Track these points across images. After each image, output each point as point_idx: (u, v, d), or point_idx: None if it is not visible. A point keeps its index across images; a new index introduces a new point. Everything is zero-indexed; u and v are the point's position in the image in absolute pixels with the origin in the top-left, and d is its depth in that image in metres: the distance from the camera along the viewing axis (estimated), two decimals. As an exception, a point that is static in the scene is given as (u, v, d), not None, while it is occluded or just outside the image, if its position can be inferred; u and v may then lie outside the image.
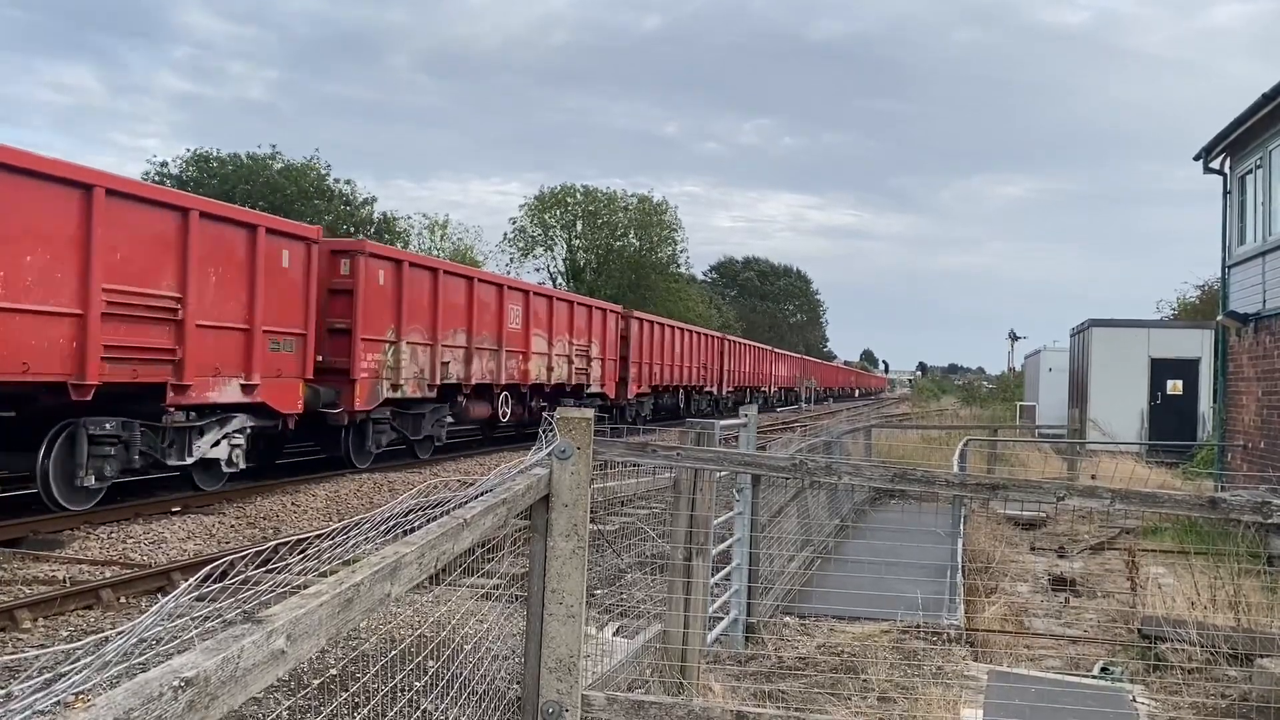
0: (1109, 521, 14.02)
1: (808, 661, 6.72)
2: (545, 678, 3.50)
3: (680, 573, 5.79)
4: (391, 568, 2.24)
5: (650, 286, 64.40)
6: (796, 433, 15.07)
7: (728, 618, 7.24)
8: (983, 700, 5.95)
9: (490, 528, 2.97)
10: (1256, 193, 15.63)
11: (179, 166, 50.02)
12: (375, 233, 50.46)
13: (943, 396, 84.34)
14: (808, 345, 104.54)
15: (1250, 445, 15.49)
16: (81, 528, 11.30)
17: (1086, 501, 3.77)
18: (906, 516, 13.50)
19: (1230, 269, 17.16)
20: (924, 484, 4.24)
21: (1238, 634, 7.02)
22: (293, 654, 1.77)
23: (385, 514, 2.67)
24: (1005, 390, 58.01)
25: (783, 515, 9.17)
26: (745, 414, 7.92)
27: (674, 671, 5.65)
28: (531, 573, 3.57)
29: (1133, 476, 15.72)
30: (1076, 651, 7.99)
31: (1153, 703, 6.24)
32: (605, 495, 14.04)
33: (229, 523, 12.32)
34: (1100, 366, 27.43)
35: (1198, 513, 3.94)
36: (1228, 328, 16.97)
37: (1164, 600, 8.51)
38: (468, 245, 59.61)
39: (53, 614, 8.03)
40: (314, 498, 14.40)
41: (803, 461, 4.59)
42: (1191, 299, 40.83)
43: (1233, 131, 15.84)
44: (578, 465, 3.55)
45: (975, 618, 8.36)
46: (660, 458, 4.31)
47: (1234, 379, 16.79)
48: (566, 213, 66.80)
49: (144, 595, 8.82)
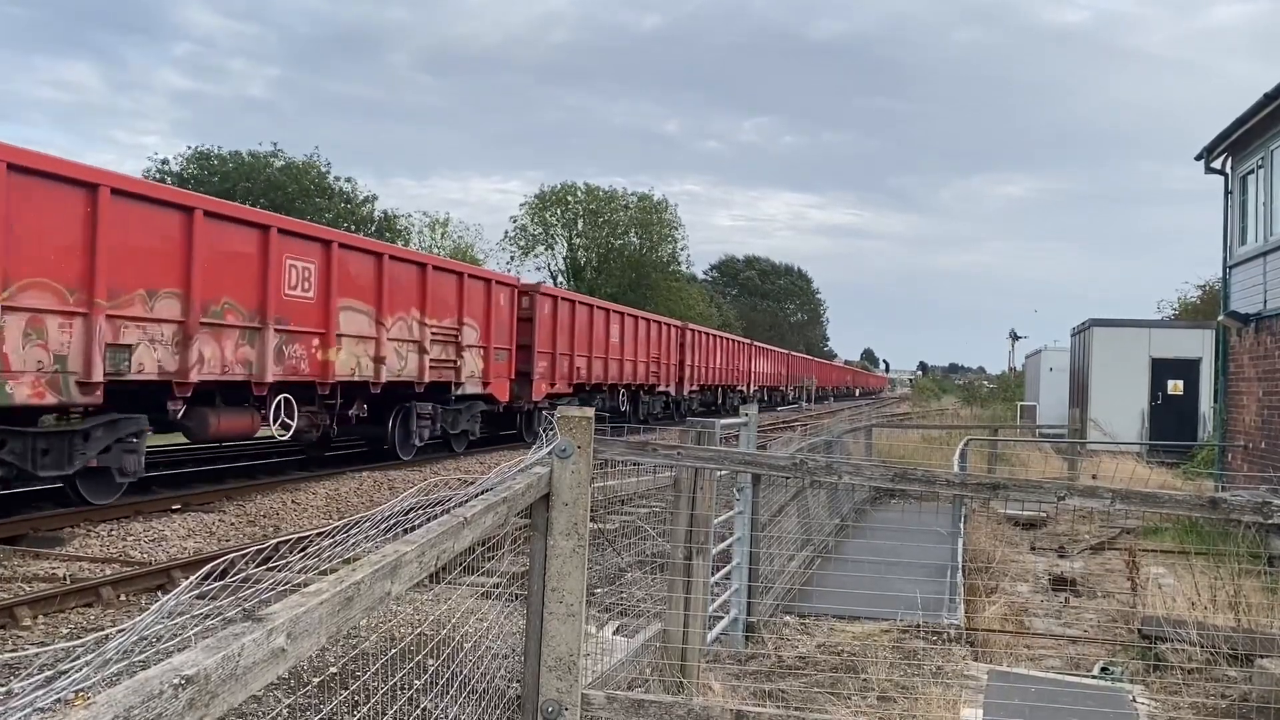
0: (1109, 521, 14.02)
1: (808, 661, 6.72)
2: (545, 676, 3.50)
3: (680, 571, 5.79)
4: (392, 566, 2.24)
5: (651, 285, 64.43)
6: (797, 432, 15.07)
7: (728, 617, 7.24)
8: (982, 700, 5.95)
9: (490, 526, 2.97)
10: (1258, 193, 15.63)
11: (180, 164, 50.08)
12: (376, 231, 50.48)
13: (943, 396, 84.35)
14: (809, 344, 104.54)
15: (1251, 445, 15.49)
16: (82, 525, 11.30)
17: (1087, 501, 3.77)
18: (907, 516, 13.50)
19: (1231, 269, 17.15)
20: (925, 484, 4.24)
21: (1238, 634, 7.02)
22: (293, 652, 1.77)
23: (386, 512, 2.67)
24: (1006, 390, 58.01)
25: (783, 514, 9.18)
26: (746, 413, 7.92)
27: (674, 670, 5.65)
28: (531, 571, 3.57)
29: (1133, 476, 15.72)
30: (1076, 651, 7.99)
31: (1153, 703, 6.24)
32: (605, 494, 14.04)
33: (229, 521, 12.33)
34: (1101, 366, 27.43)
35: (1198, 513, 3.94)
36: (1228, 328, 16.97)
37: (1164, 600, 8.51)
38: (468, 243, 59.66)
39: (53, 611, 8.03)
40: (314, 496, 14.41)
41: (803, 461, 4.60)
42: (1192, 299, 40.85)
43: (1234, 131, 15.83)
44: (578, 464, 3.55)
45: (975, 617, 8.36)
46: (661, 457, 4.31)
47: (1235, 379, 16.78)
48: (567, 211, 66.85)
49: (144, 593, 8.83)
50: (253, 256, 13.70)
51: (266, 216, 14.99)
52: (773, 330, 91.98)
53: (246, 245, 13.62)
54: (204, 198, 13.93)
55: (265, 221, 14.29)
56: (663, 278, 66.95)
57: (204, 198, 13.93)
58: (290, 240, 14.48)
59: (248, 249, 13.63)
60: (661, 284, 65.79)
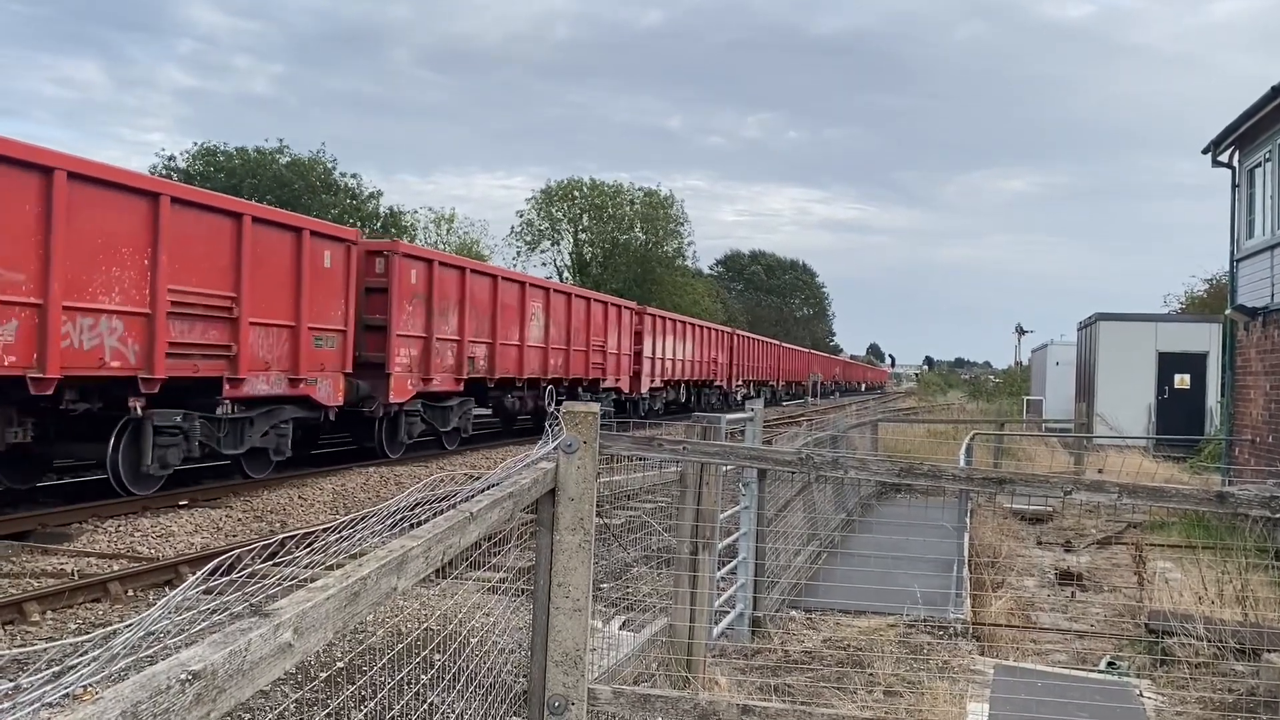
0: (1116, 516, 13.99)
1: (814, 655, 6.72)
2: (551, 671, 3.51)
3: (686, 567, 5.79)
4: (398, 561, 2.24)
5: (656, 280, 64.37)
6: (802, 427, 15.06)
7: (734, 612, 7.24)
8: (989, 694, 5.94)
9: (496, 521, 2.97)
10: (1265, 186, 15.57)
11: (186, 161, 50.17)
12: (382, 227, 50.52)
13: (949, 391, 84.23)
14: (814, 339, 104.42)
15: (1258, 439, 15.45)
16: (89, 520, 11.34)
17: (1094, 496, 3.76)
18: (913, 511, 13.49)
19: (1238, 263, 17.10)
20: (931, 478, 4.23)
21: (1245, 629, 7.00)
22: (300, 647, 1.78)
23: (392, 508, 2.68)
24: (1012, 384, 57.91)
25: (789, 509, 9.18)
26: (751, 408, 7.91)
27: (680, 665, 5.66)
28: (538, 566, 3.58)
29: (1140, 471, 15.68)
30: (1083, 646, 7.98)
31: (1159, 697, 6.23)
32: (611, 489, 14.04)
33: (236, 516, 12.35)
34: (1107, 360, 27.36)
35: (1205, 507, 3.93)
36: (1235, 321, 16.92)
37: (1171, 595, 8.50)
38: (473, 239, 59.68)
39: (61, 607, 8.06)
40: (321, 491, 14.43)
41: (809, 456, 4.59)
42: (1199, 293, 40.73)
43: (1241, 125, 15.78)
44: (584, 459, 3.56)
45: (981, 612, 8.35)
46: (666, 452, 4.31)
47: (1242, 373, 16.74)
48: (573, 206, 66.82)
49: (151, 588, 8.85)
50: (515, 302, 22.45)
51: (529, 278, 22.85)
52: (778, 325, 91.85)
53: (512, 296, 22.60)
54: (499, 268, 19.87)
55: (520, 279, 22.28)
56: (668, 273, 66.91)
57: (499, 268, 19.87)
58: (531, 289, 23.49)
59: (513, 298, 22.37)
60: (667, 279, 65.74)
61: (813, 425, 16.08)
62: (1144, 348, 27.10)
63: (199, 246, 12.57)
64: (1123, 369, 26.92)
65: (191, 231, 12.46)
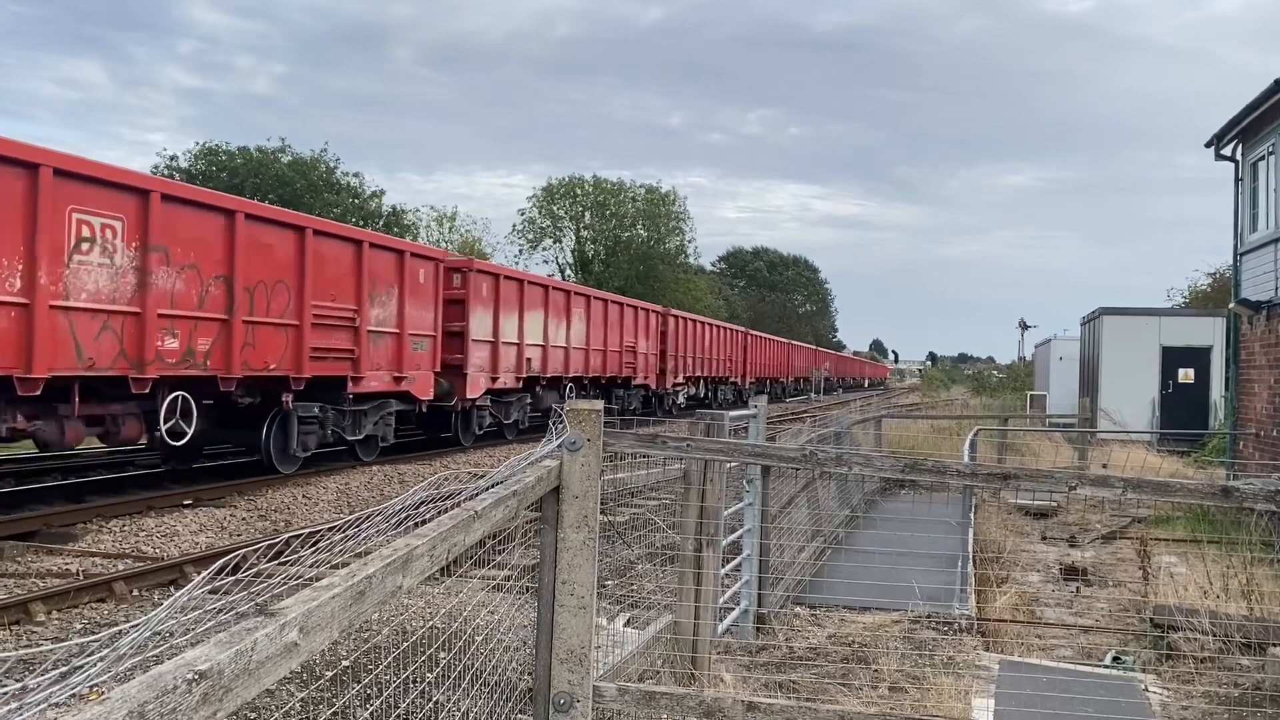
0: (1120, 510, 13.98)
1: (818, 652, 6.72)
2: (556, 669, 3.51)
3: (691, 564, 5.79)
4: (403, 560, 2.24)
5: (658, 277, 64.34)
6: (806, 423, 15.06)
7: (738, 608, 7.24)
8: (994, 690, 5.94)
9: (501, 519, 2.97)
10: (1269, 179, 15.54)
11: (189, 160, 50.18)
12: (385, 225, 50.50)
13: (953, 386, 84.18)
14: (817, 335, 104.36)
15: (1262, 433, 15.42)
16: (94, 520, 11.36)
17: (1098, 490, 3.76)
18: (917, 506, 13.48)
19: (1242, 256, 17.07)
20: (935, 474, 4.23)
21: (1250, 623, 7.00)
22: (305, 646, 1.78)
23: (397, 506, 2.68)
24: (1015, 379, 57.87)
25: (793, 506, 9.18)
26: (755, 405, 7.91)
27: (685, 662, 5.66)
28: (542, 564, 3.58)
29: (1144, 465, 15.66)
30: (1088, 641, 7.97)
31: (1165, 692, 6.23)
32: (615, 487, 14.04)
33: (240, 515, 12.37)
34: (1111, 355, 27.31)
35: (1210, 501, 3.92)
36: (1239, 315, 16.89)
37: (1176, 589, 8.49)
38: (475, 237, 59.65)
39: (66, 607, 8.07)
40: (325, 490, 14.45)
41: (813, 452, 4.59)
42: (1203, 286, 40.60)
43: (1245, 118, 15.74)
44: (588, 457, 3.56)
45: (986, 607, 8.35)
46: (670, 450, 4.30)
47: (1246, 367, 16.71)
48: (575, 204, 66.78)
49: (157, 588, 8.87)
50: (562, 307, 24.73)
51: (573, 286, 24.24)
52: (781, 322, 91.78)
53: (559, 301, 25.16)
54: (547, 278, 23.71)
55: (565, 289, 24.27)
56: (671, 270, 66.88)
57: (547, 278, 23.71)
58: (575, 297, 25.04)
59: (560, 303, 25.63)
60: (669, 276, 65.72)
61: (816, 421, 16.07)
62: (1148, 342, 27.04)
63: (330, 269, 15.42)
64: (1126, 363, 26.87)
65: (326, 255, 15.33)
